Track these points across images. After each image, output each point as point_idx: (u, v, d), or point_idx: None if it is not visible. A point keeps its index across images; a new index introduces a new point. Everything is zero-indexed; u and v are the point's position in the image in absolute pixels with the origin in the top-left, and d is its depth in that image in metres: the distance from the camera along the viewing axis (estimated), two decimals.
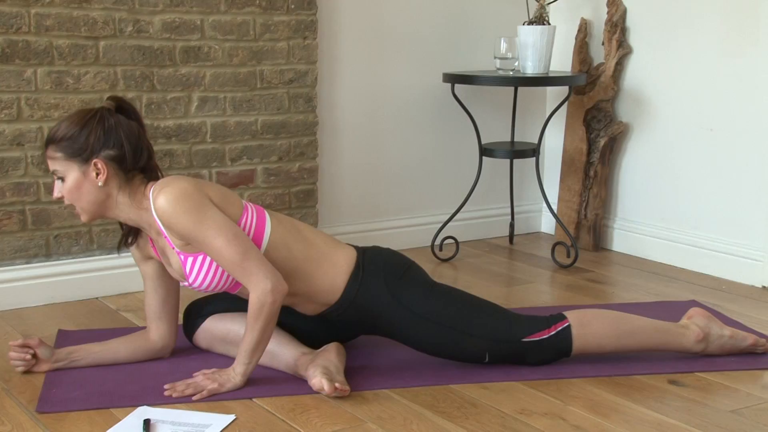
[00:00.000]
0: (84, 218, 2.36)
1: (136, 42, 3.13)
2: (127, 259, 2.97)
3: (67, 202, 2.33)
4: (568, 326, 2.45)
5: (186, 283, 2.38)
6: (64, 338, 2.71)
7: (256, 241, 2.33)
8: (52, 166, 2.31)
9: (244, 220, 2.33)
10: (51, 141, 2.30)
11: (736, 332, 2.57)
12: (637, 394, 2.35)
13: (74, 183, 2.29)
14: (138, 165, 2.33)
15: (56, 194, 2.33)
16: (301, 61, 3.45)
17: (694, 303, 3.08)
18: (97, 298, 3.15)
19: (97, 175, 2.29)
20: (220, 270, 2.32)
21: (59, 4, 2.98)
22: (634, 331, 2.48)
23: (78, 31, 3.03)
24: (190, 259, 2.31)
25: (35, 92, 2.99)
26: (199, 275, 2.33)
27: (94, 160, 2.29)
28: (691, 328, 2.53)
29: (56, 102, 3.02)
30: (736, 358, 2.56)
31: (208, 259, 2.30)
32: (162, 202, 2.24)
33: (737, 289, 3.34)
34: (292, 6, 3.39)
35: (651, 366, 2.51)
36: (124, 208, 2.33)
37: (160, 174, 2.39)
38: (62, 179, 2.30)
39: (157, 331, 2.51)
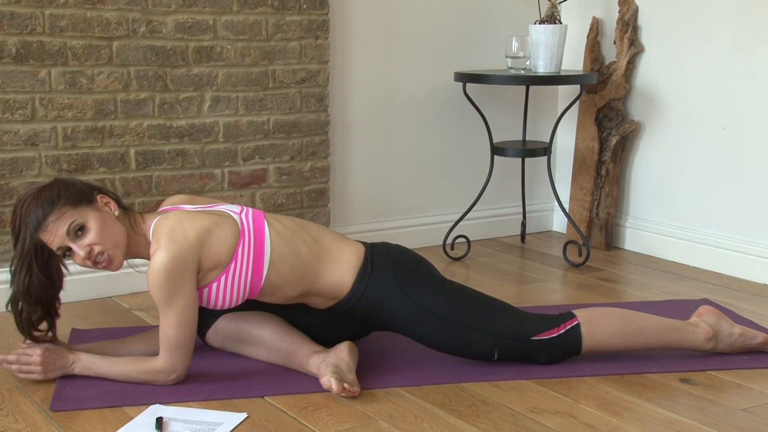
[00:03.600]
0: (119, 259, 2.32)
1: (149, 42, 3.15)
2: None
3: (98, 249, 2.28)
4: (578, 325, 2.45)
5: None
6: (78, 337, 2.73)
7: (257, 267, 2.35)
8: (65, 224, 2.25)
9: (240, 249, 2.34)
10: (49, 208, 2.25)
11: (746, 330, 2.57)
12: (648, 393, 2.35)
13: (99, 221, 2.28)
14: (121, 203, 2.39)
15: (83, 252, 2.26)
16: (313, 60, 3.46)
17: (706, 301, 3.08)
18: (110, 297, 3.17)
19: (109, 206, 2.33)
20: (234, 291, 2.35)
21: (73, 5, 3.00)
22: (643, 329, 2.48)
23: (92, 32, 3.05)
24: (205, 291, 2.35)
25: (49, 92, 3.01)
26: (217, 302, 2.37)
27: (98, 196, 2.32)
28: (701, 326, 2.53)
29: (70, 102, 3.04)
30: (748, 356, 2.56)
31: (222, 285, 2.33)
32: (153, 262, 2.26)
33: (749, 288, 3.33)
34: (304, 6, 3.40)
35: (662, 364, 2.51)
36: (136, 243, 2.37)
37: (138, 213, 2.42)
38: (81, 229, 2.26)
39: None
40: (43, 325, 2.39)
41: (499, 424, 2.16)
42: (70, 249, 2.28)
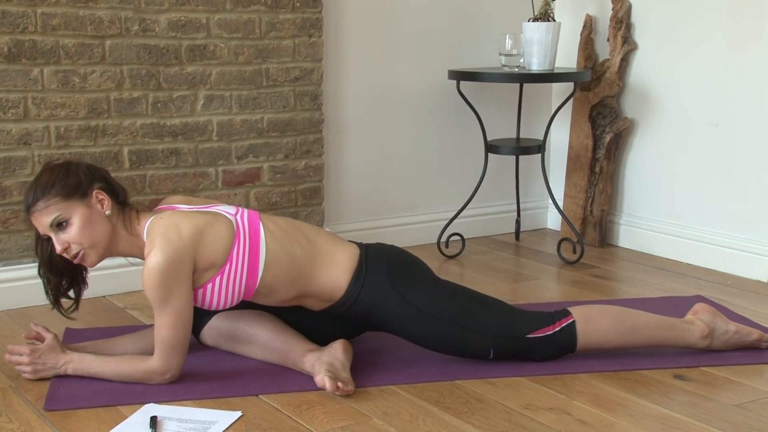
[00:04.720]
0: (93, 259, 2.33)
1: (142, 41, 3.14)
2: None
3: (75, 248, 2.29)
4: (573, 322, 2.45)
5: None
6: (72, 336, 2.73)
7: (252, 268, 2.34)
8: (50, 215, 2.26)
9: (235, 251, 2.33)
10: (40, 194, 2.27)
11: (741, 327, 2.57)
12: (642, 389, 2.35)
13: (84, 219, 2.28)
14: (124, 198, 2.38)
15: (60, 247, 2.28)
16: (307, 58, 3.46)
17: (699, 298, 3.09)
18: (104, 296, 3.17)
19: (101, 204, 2.32)
20: (229, 293, 2.35)
21: (65, 4, 2.99)
22: (638, 326, 2.49)
23: (84, 31, 3.04)
24: (200, 292, 2.34)
25: (42, 92, 3.00)
26: (212, 302, 2.37)
27: (94, 191, 2.31)
28: (696, 324, 2.53)
29: (63, 101, 3.04)
30: (742, 352, 2.56)
31: (216, 286, 2.33)
32: (148, 262, 2.25)
33: (743, 284, 3.34)
34: (298, 4, 3.40)
35: (656, 361, 2.51)
36: (125, 243, 2.37)
37: (136, 211, 2.41)
38: (64, 224, 2.28)
39: None
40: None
41: (494, 421, 2.16)
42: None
